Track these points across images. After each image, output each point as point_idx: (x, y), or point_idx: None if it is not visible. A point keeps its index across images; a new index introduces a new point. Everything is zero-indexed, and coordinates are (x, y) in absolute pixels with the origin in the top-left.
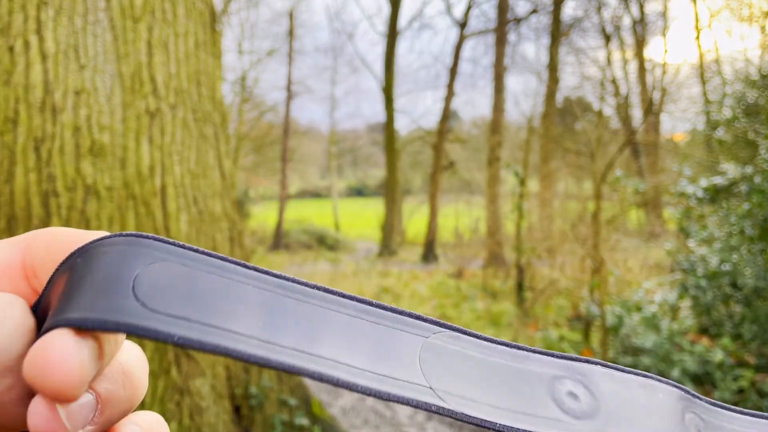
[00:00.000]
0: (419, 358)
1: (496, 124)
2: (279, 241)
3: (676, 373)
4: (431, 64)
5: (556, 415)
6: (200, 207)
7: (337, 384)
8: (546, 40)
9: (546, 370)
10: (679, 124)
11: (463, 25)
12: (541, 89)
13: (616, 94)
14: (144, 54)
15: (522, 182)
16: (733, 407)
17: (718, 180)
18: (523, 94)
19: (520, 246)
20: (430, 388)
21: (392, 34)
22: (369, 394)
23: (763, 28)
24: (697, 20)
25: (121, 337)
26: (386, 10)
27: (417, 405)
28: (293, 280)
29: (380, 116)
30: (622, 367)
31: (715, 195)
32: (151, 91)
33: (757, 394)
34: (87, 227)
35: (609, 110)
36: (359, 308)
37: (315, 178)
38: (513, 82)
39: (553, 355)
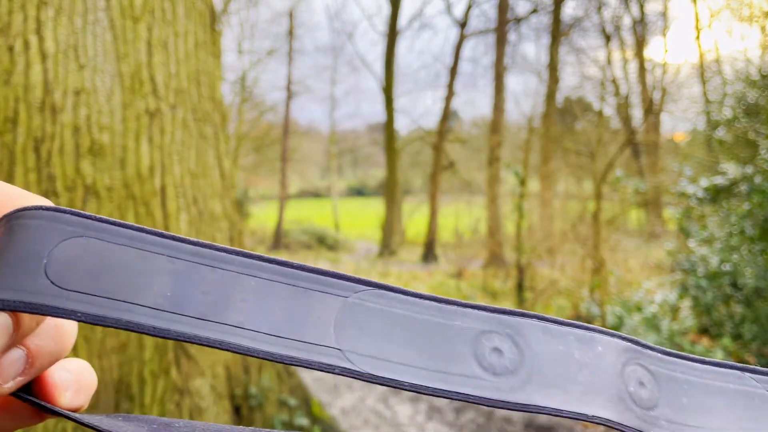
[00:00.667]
0: (335, 319)
1: (496, 124)
2: (279, 241)
3: None
4: (431, 63)
5: (474, 372)
6: (200, 207)
7: (239, 351)
8: (546, 40)
9: (473, 325)
10: (679, 124)
11: (463, 24)
12: (541, 89)
13: (617, 94)
14: (144, 54)
15: (522, 182)
16: (692, 356)
17: (719, 180)
18: (523, 94)
19: (520, 246)
20: (339, 349)
21: (392, 34)
22: (272, 360)
23: (763, 28)
24: (697, 20)
25: None
26: (386, 9)
27: (320, 368)
28: (210, 246)
29: (380, 116)
30: (562, 320)
31: (716, 195)
32: (150, 91)
33: None
34: None
35: (609, 110)
36: (277, 271)
37: (315, 178)
38: (513, 82)
39: (485, 309)
